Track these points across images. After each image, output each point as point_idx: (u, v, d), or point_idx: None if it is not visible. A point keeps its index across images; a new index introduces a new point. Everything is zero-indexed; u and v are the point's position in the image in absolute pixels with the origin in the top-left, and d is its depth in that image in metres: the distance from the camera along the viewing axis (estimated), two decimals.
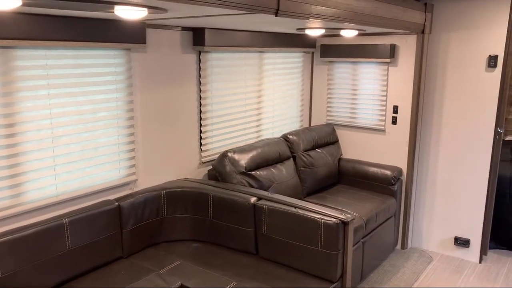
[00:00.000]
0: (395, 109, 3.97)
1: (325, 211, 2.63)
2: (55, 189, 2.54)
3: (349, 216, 2.60)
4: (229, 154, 3.20)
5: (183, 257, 2.77)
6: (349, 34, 3.49)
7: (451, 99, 3.79)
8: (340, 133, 4.34)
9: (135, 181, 2.98)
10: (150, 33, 2.89)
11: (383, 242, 3.67)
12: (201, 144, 3.41)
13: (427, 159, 3.98)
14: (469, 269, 3.76)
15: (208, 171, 3.40)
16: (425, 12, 3.63)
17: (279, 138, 3.77)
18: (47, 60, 2.38)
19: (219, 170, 3.18)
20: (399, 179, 3.91)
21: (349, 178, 4.11)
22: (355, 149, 4.29)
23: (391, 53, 3.85)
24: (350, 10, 2.65)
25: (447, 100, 3.81)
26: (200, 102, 3.33)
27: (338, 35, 4.13)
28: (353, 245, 3.09)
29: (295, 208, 2.70)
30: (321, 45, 4.25)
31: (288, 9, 2.19)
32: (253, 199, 2.84)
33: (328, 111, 4.40)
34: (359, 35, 4.01)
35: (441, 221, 3.99)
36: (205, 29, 3.10)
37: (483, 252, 3.85)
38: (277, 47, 3.80)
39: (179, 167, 3.27)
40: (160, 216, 2.94)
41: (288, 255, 2.72)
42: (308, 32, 3.27)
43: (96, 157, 2.71)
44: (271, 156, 3.46)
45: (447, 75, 3.78)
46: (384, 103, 4.03)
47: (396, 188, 3.86)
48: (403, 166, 3.99)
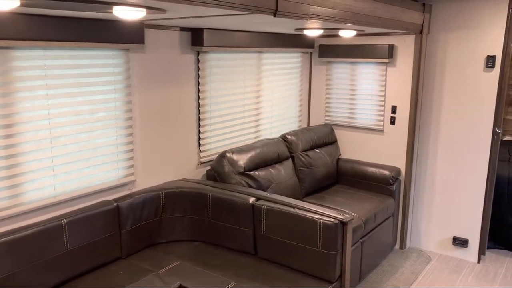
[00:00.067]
0: (394, 109, 3.98)
1: (323, 211, 2.63)
2: (53, 190, 2.53)
3: (348, 216, 2.60)
4: (228, 154, 3.20)
5: (182, 258, 2.77)
6: (347, 34, 3.49)
7: (449, 99, 3.80)
8: (338, 133, 4.35)
9: (134, 181, 2.98)
10: (148, 34, 2.89)
11: (381, 242, 3.67)
12: (199, 144, 3.40)
13: (426, 159, 3.99)
14: (468, 269, 3.76)
15: (206, 171, 3.40)
16: (423, 12, 3.64)
17: (277, 138, 3.77)
18: (45, 60, 2.37)
19: (218, 170, 3.18)
20: (397, 179, 3.92)
21: (347, 178, 4.11)
22: (353, 149, 4.29)
23: (390, 53, 3.85)
24: (348, 10, 2.65)
25: (445, 100, 3.82)
26: (198, 102, 3.33)
27: (336, 36, 4.13)
28: (352, 245, 3.09)
29: (294, 208, 2.70)
30: (320, 46, 4.25)
31: (286, 9, 2.19)
32: (251, 200, 2.84)
33: (326, 111, 4.41)
34: (358, 35, 4.01)
35: (439, 221, 4.00)
36: (204, 30, 3.10)
37: (481, 252, 3.86)
38: (275, 48, 3.80)
39: (177, 167, 3.27)
40: (158, 216, 2.94)
41: (286, 255, 2.72)
42: (306, 32, 3.27)
43: (94, 157, 2.71)
44: (269, 156, 3.46)
45: (445, 76, 3.79)
46: (382, 103, 4.03)
47: (394, 188, 3.86)
48: (402, 166, 4.00)
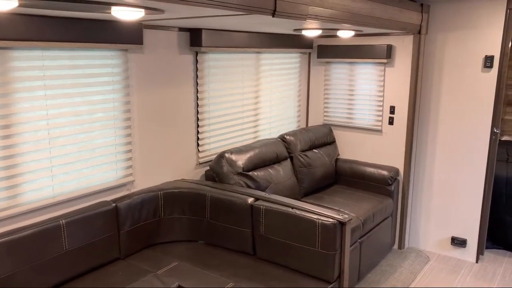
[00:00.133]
0: (392, 110, 3.98)
1: (322, 212, 2.63)
2: (52, 190, 2.53)
3: (346, 216, 2.61)
4: (227, 154, 3.20)
5: (181, 258, 2.77)
6: (345, 34, 3.50)
7: (448, 99, 3.80)
8: (337, 134, 4.35)
9: (132, 182, 2.98)
10: (147, 34, 2.89)
11: (380, 242, 3.67)
12: (198, 144, 3.40)
13: (424, 159, 4.00)
14: (466, 269, 3.77)
15: (205, 171, 3.40)
16: (422, 12, 3.65)
17: (276, 138, 3.77)
18: (44, 61, 2.37)
19: (217, 170, 3.18)
20: (396, 179, 3.92)
21: (346, 178, 4.12)
22: (352, 149, 4.29)
23: (388, 53, 3.86)
24: (346, 11, 2.66)
25: (443, 100, 3.82)
26: (197, 102, 3.33)
27: (335, 36, 4.13)
28: (350, 246, 3.09)
29: (293, 208, 2.70)
30: (318, 46, 4.25)
31: (285, 10, 2.19)
32: (250, 200, 2.84)
33: (325, 111, 4.41)
34: (356, 35, 4.01)
35: (438, 221, 4.00)
36: (202, 30, 3.10)
37: (479, 252, 3.86)
38: (274, 48, 3.80)
39: (176, 167, 3.27)
40: (157, 217, 2.94)
41: (285, 255, 2.72)
42: (305, 32, 3.27)
43: (93, 158, 2.71)
44: (268, 156, 3.46)
45: (444, 76, 3.79)
46: (381, 104, 4.04)
47: (393, 188, 3.86)
48: (400, 166, 4.00)
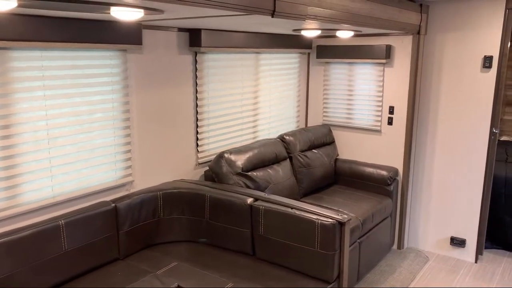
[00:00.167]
0: (391, 110, 3.98)
1: (321, 212, 2.64)
2: (51, 191, 2.53)
3: (346, 216, 2.61)
4: (226, 155, 3.20)
5: (180, 258, 2.76)
6: (345, 35, 3.50)
7: (447, 99, 3.81)
8: (336, 134, 4.35)
9: (132, 182, 2.98)
10: (146, 34, 2.89)
11: (379, 242, 3.68)
12: (197, 145, 3.40)
13: (423, 159, 4.00)
14: (465, 269, 3.77)
15: (204, 172, 3.40)
16: (421, 13, 3.65)
17: (275, 138, 3.77)
18: (43, 61, 2.37)
19: (216, 171, 3.18)
20: (395, 179, 3.93)
21: (345, 178, 4.12)
22: (351, 149, 4.30)
23: (387, 53, 3.86)
24: (346, 11, 2.66)
25: (442, 100, 3.83)
26: (196, 103, 3.33)
27: (334, 36, 4.14)
28: (350, 246, 3.09)
29: (292, 208, 2.70)
30: (317, 46, 4.26)
31: (284, 10, 2.20)
32: (249, 200, 2.84)
33: (324, 111, 4.41)
34: (355, 36, 4.02)
35: (437, 221, 4.01)
36: (202, 30, 3.10)
37: (478, 252, 3.87)
38: (273, 48, 3.81)
39: (175, 168, 3.27)
40: (156, 217, 2.94)
41: (285, 256, 2.72)
42: (304, 33, 3.28)
43: (92, 158, 2.70)
44: (267, 156, 3.46)
45: (443, 76, 3.80)
46: (380, 104, 4.04)
47: (392, 188, 3.87)
48: (399, 166, 4.01)
